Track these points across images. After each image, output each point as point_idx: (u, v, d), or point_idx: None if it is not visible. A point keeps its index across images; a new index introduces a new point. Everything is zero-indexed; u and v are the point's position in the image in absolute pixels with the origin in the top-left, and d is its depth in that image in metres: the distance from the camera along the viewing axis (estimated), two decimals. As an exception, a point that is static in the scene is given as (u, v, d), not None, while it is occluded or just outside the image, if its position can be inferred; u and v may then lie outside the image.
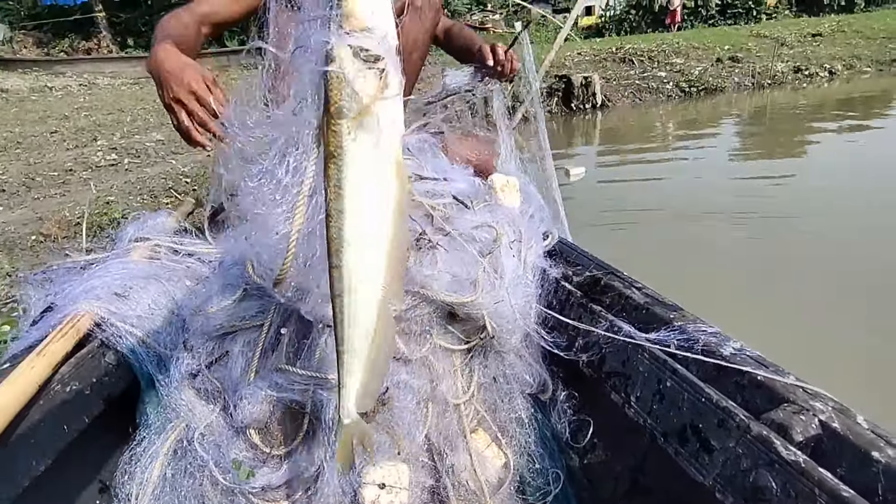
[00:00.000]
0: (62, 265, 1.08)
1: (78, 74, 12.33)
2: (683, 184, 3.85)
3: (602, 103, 6.69)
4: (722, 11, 26.02)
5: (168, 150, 4.09)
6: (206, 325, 0.89)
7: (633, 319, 0.85)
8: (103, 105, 7.22)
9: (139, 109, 6.42)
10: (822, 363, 1.60)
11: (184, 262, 1.11)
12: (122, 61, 13.77)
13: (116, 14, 21.98)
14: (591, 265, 1.05)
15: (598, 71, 7.63)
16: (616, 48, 8.56)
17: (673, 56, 8.20)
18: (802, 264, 2.38)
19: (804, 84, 7.49)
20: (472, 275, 0.90)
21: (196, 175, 3.37)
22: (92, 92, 9.61)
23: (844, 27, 9.60)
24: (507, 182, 1.17)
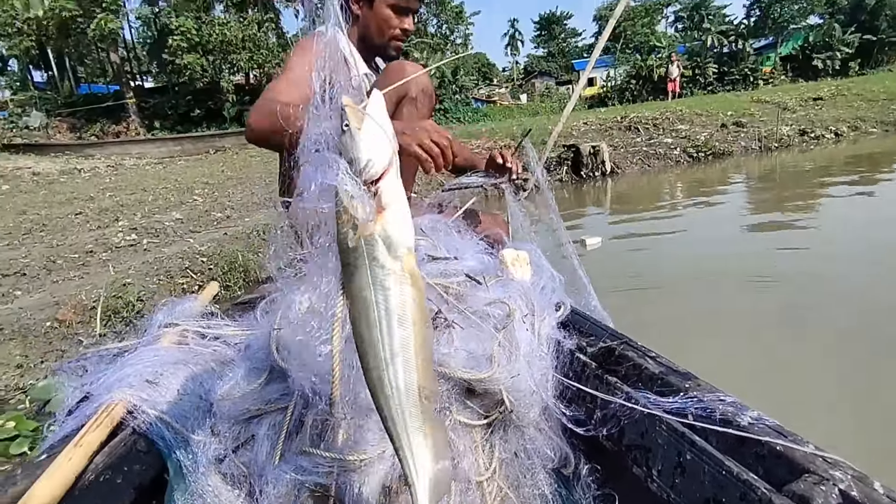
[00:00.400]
0: (96, 353, 1.14)
1: (106, 156, 12.99)
2: (699, 246, 3.79)
3: (611, 170, 6.79)
4: (720, 78, 27.15)
5: (186, 229, 4.17)
6: (233, 409, 0.91)
7: (650, 390, 0.85)
8: (127, 185, 7.52)
9: (161, 188, 6.67)
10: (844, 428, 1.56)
11: (210, 345, 1.15)
12: (148, 143, 14.53)
13: (145, 99, 23.51)
14: (604, 335, 1.06)
15: (605, 139, 7.82)
16: (621, 117, 8.83)
17: (677, 123, 8.41)
18: (824, 327, 2.30)
19: (811, 146, 7.59)
20: (487, 350, 0.93)
21: (212, 254, 3.40)
22: (118, 172, 10.04)
23: (844, 91, 9.87)
24: (517, 256, 1.21)
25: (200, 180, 7.16)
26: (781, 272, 2.98)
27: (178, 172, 8.85)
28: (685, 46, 30.22)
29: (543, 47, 50.17)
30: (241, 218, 4.51)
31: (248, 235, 3.81)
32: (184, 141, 14.32)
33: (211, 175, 7.82)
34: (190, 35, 20.17)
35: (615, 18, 3.02)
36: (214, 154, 13.00)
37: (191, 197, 5.74)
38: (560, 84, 39.49)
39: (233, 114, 21.54)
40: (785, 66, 29.71)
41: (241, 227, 4.08)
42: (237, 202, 5.21)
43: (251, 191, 5.89)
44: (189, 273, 3.12)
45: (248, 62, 21.19)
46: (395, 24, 1.49)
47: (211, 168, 9.05)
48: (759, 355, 2.12)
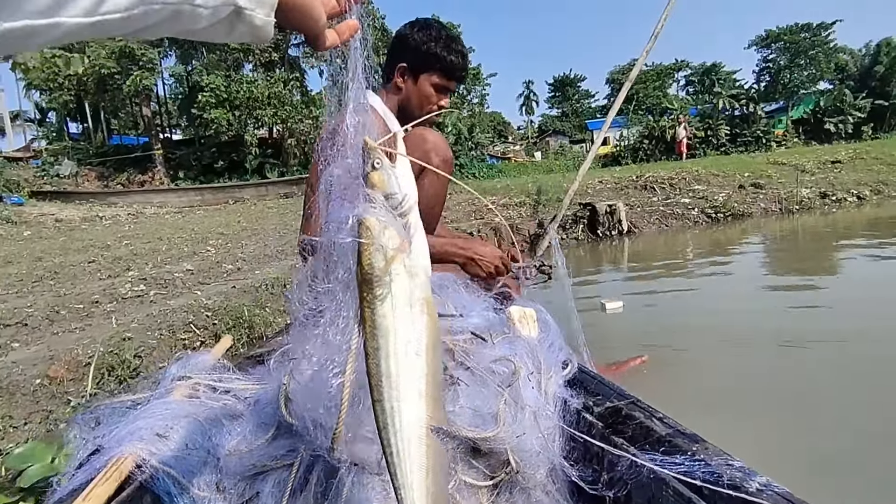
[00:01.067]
0: (110, 405, 1.15)
1: (128, 204, 13.33)
2: (722, 307, 3.60)
3: (628, 229, 6.69)
4: (732, 140, 27.48)
5: (195, 281, 4.11)
6: (239, 465, 0.91)
7: (657, 451, 0.84)
8: (145, 233, 7.61)
9: (176, 238, 6.71)
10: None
11: (221, 399, 1.15)
12: (169, 192, 14.94)
13: (172, 151, 24.39)
14: (611, 394, 1.05)
15: (621, 198, 7.78)
16: (636, 176, 8.83)
17: (694, 183, 8.37)
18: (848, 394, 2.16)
19: (833, 209, 7.44)
20: (493, 408, 0.91)
21: (217, 308, 3.30)
22: (138, 221, 10.22)
23: (862, 154, 9.82)
24: (524, 313, 1.20)
25: (216, 230, 7.21)
26: (804, 334, 2.85)
27: (195, 222, 8.97)
28: (697, 109, 30.84)
29: (557, 107, 51.71)
30: (251, 270, 4.46)
31: (256, 289, 3.72)
32: (204, 191, 14.68)
33: (227, 225, 7.89)
34: (219, 91, 21.11)
35: (630, 81, 3.00)
36: (233, 204, 13.26)
37: (204, 247, 5.74)
38: (574, 143, 40.34)
39: (254, 166, 22.18)
40: (797, 129, 30.07)
41: (251, 280, 4.00)
42: (249, 254, 5.18)
43: (264, 242, 5.88)
44: (192, 328, 3.01)
45: (272, 118, 22.00)
46: (434, 101, 1.57)
47: (228, 218, 9.16)
48: (774, 426, 2.01)
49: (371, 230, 0.59)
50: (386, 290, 0.59)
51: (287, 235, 6.36)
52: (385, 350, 0.59)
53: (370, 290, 0.59)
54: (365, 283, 0.59)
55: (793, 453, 1.82)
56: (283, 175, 19.65)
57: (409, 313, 0.61)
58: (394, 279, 0.60)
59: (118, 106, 24.39)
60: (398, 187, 0.62)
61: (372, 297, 0.59)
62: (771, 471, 0.71)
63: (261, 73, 23.58)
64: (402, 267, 0.60)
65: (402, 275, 0.60)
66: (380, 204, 0.61)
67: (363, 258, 0.59)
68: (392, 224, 0.61)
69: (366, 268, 0.59)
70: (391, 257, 0.59)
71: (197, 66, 23.42)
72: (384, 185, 0.62)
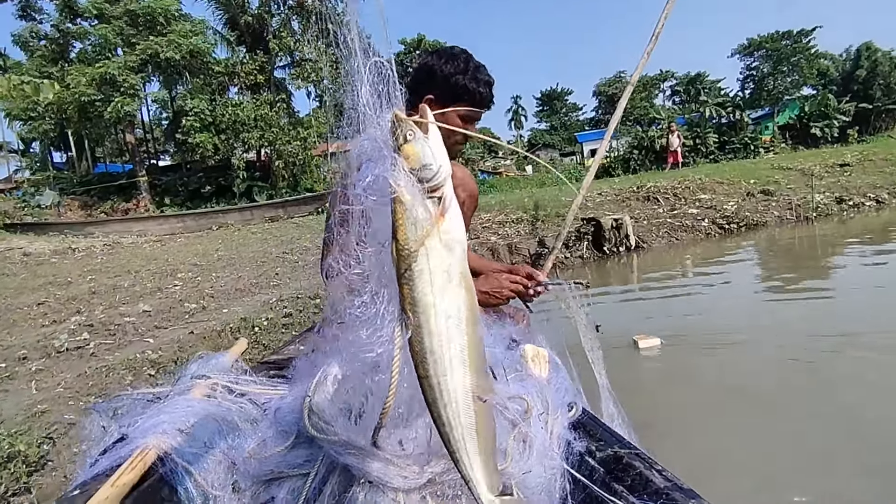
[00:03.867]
0: (130, 396, 1.16)
1: (105, 234, 12.69)
2: (758, 337, 3.08)
3: (636, 245, 6.19)
4: (721, 147, 27.49)
5: (150, 325, 3.54)
6: (257, 468, 0.94)
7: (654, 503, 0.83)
8: (114, 266, 7.02)
9: (145, 271, 6.12)
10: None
11: (237, 402, 1.16)
12: (150, 220, 14.32)
13: (158, 177, 24.00)
14: (614, 441, 1.04)
15: (624, 210, 7.32)
16: (637, 187, 8.39)
17: (699, 192, 7.94)
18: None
19: (851, 215, 7.00)
20: (503, 444, 0.93)
21: (166, 361, 2.74)
22: (112, 252, 9.65)
23: (870, 156, 9.46)
24: (537, 353, 1.21)
25: (190, 261, 6.63)
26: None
27: (172, 251, 8.40)
28: (684, 118, 31.01)
29: (546, 121, 51.83)
30: (218, 309, 3.90)
31: (218, 334, 3.17)
32: (186, 218, 14.10)
33: (203, 254, 7.32)
34: (203, 115, 20.83)
35: (632, 85, 2.67)
36: (217, 230, 12.68)
37: (172, 282, 5.16)
38: (564, 155, 40.28)
39: (242, 189, 21.80)
40: (784, 135, 30.40)
41: (215, 323, 3.45)
42: (219, 289, 4.61)
43: (239, 274, 5.31)
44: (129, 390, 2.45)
45: (259, 140, 21.70)
46: (460, 132, 1.58)
47: (207, 246, 8.60)
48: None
49: (405, 202, 0.58)
50: (423, 265, 0.59)
51: (266, 265, 5.81)
52: (427, 327, 0.59)
53: (407, 265, 0.59)
54: (401, 258, 0.59)
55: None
56: (272, 198, 19.22)
57: (448, 288, 0.60)
58: (430, 253, 0.59)
59: (102, 133, 24.00)
60: (433, 157, 0.61)
61: (410, 272, 0.59)
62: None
63: (247, 95, 23.34)
64: (438, 241, 0.60)
65: (438, 248, 0.60)
66: (413, 176, 0.60)
67: (398, 232, 0.59)
68: (425, 196, 0.60)
69: (401, 242, 0.59)
70: (427, 231, 0.59)
71: (181, 91, 23.13)
72: (418, 157, 0.60)
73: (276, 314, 3.55)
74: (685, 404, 2.29)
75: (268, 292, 4.32)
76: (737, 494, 1.71)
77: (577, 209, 5.23)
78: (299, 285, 4.30)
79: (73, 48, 22.30)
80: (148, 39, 19.99)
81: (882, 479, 1.75)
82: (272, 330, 3.23)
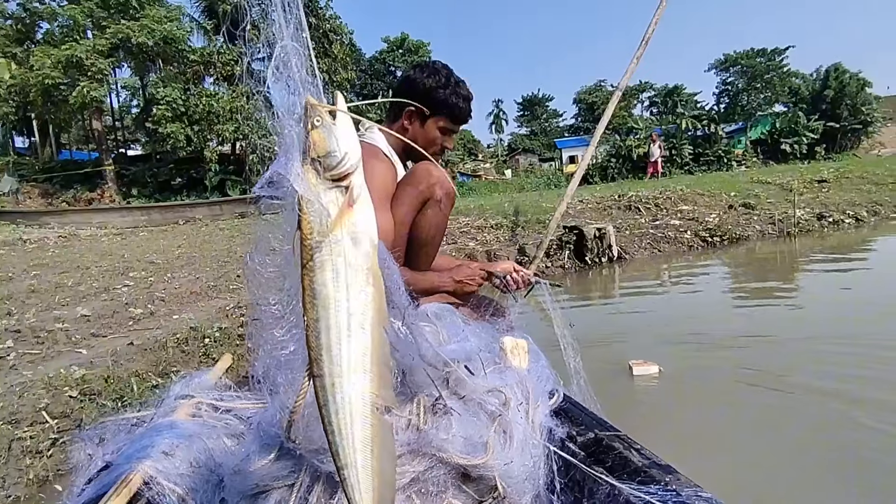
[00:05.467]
0: (115, 421, 1.16)
1: (63, 225, 11.98)
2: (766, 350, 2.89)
3: (618, 255, 6.01)
4: (695, 159, 28.08)
5: (86, 333, 3.15)
6: (243, 483, 0.92)
7: (633, 481, 0.87)
8: (64, 261, 6.50)
9: (96, 268, 5.65)
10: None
11: (223, 418, 1.17)
12: (112, 211, 13.60)
13: (126, 167, 23.15)
14: (594, 425, 1.08)
15: (604, 219, 7.16)
16: (619, 195, 8.26)
17: (680, 203, 7.84)
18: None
19: (830, 231, 6.98)
20: (483, 436, 0.95)
21: (95, 378, 2.38)
22: (67, 244, 9.06)
23: (846, 173, 9.55)
24: (516, 344, 1.22)
25: (147, 258, 6.18)
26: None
27: (131, 247, 7.88)
28: (661, 129, 31.60)
29: (527, 126, 52.01)
30: (167, 315, 3.52)
31: (162, 346, 2.81)
32: (151, 210, 13.45)
33: (164, 251, 6.86)
34: (175, 105, 20.16)
35: (620, 90, 2.55)
36: (183, 225, 12.11)
37: (122, 281, 4.73)
38: (543, 161, 40.44)
39: (215, 183, 21.20)
40: (756, 149, 31.31)
41: (161, 331, 3.08)
42: (173, 291, 4.22)
43: (197, 275, 4.91)
44: (44, 416, 2.09)
45: (233, 133, 21.11)
46: (439, 143, 1.63)
47: (169, 242, 8.11)
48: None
49: (307, 187, 0.56)
50: (325, 257, 0.57)
51: (229, 265, 5.41)
52: (325, 322, 0.56)
53: (309, 256, 0.57)
54: (304, 248, 0.57)
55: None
56: (245, 192, 18.66)
57: (352, 283, 0.57)
58: (335, 246, 0.57)
59: (67, 119, 23.04)
60: (337, 145, 0.59)
61: (311, 264, 0.56)
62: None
63: (223, 86, 22.66)
64: (345, 232, 0.58)
65: (343, 241, 0.57)
66: (317, 166, 0.58)
67: (302, 222, 0.56)
68: (330, 186, 0.58)
69: (304, 232, 0.56)
70: (332, 221, 0.57)
71: (153, 79, 22.34)
72: (324, 143, 0.58)
73: (231, 323, 3.21)
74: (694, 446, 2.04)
75: (226, 297, 3.96)
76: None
77: (560, 217, 4.93)
78: (261, 290, 3.95)
79: (40, 28, 21.34)
80: (119, 23, 19.19)
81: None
82: (225, 342, 2.89)
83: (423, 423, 0.96)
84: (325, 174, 0.57)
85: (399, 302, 0.89)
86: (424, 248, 1.54)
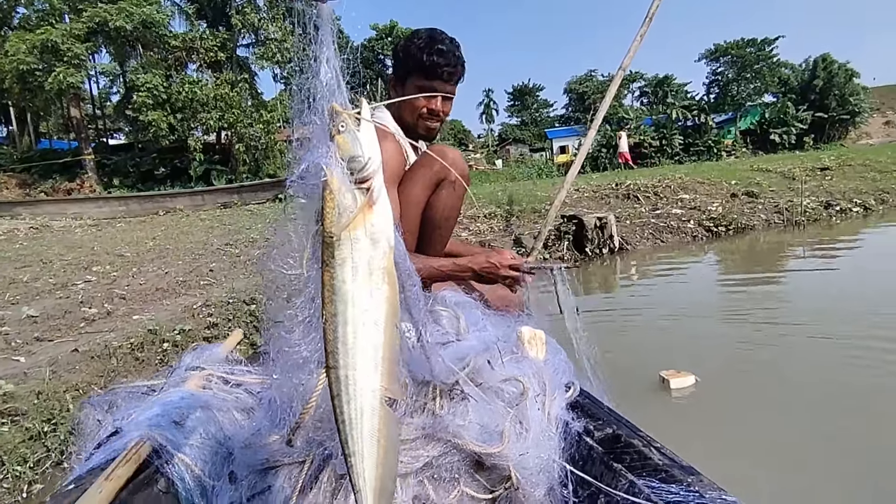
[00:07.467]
0: (125, 388, 1.15)
1: (35, 216, 11.45)
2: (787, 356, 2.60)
3: (620, 246, 5.70)
4: (685, 149, 28.04)
5: (30, 336, 2.76)
6: (253, 458, 0.93)
7: (653, 481, 0.83)
8: (28, 255, 6.05)
9: (59, 262, 5.22)
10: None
11: (233, 392, 1.16)
12: (88, 202, 13.01)
13: (108, 156, 22.47)
14: (611, 420, 1.05)
15: (602, 208, 6.85)
16: (616, 184, 7.95)
17: (680, 191, 7.55)
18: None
19: (837, 220, 6.73)
20: (499, 426, 0.94)
21: (25, 395, 2.00)
22: (37, 236, 8.59)
23: (848, 161, 9.33)
24: (534, 335, 1.20)
25: (116, 251, 5.75)
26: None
27: (104, 238, 7.43)
28: (651, 119, 31.52)
29: (517, 116, 51.55)
30: (126, 316, 3.13)
31: (112, 353, 2.44)
32: (130, 201, 12.91)
33: (136, 243, 6.43)
34: (157, 92, 19.54)
35: (615, 85, 2.35)
36: (163, 216, 11.60)
37: (84, 276, 4.32)
38: (534, 151, 40.11)
39: (199, 173, 20.64)
40: (745, 140, 31.39)
41: (115, 335, 2.71)
42: (137, 287, 3.83)
43: (167, 269, 4.50)
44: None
45: (217, 121, 20.54)
46: (421, 104, 1.54)
47: (145, 233, 7.67)
48: None
49: (332, 187, 0.58)
50: (346, 254, 0.59)
51: (203, 257, 5.01)
52: (343, 316, 0.58)
53: (330, 252, 0.59)
54: (325, 244, 0.59)
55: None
56: (231, 183, 18.12)
57: (368, 281, 0.59)
58: (355, 244, 0.59)
59: (46, 106, 22.34)
60: (362, 150, 0.61)
61: (332, 260, 0.59)
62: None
63: (206, 73, 21.99)
64: (364, 232, 0.60)
65: (363, 240, 0.60)
66: (343, 165, 0.60)
67: (325, 218, 0.58)
68: (354, 188, 0.60)
69: (326, 228, 0.58)
70: (353, 220, 0.59)
71: (133, 65, 21.62)
72: (348, 148, 0.61)
73: (197, 324, 2.84)
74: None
75: (195, 294, 3.58)
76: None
77: (559, 205, 4.54)
78: (234, 286, 3.58)
79: (17, 14, 20.54)
80: (96, 6, 18.47)
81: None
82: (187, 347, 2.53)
83: (440, 408, 0.94)
84: (349, 175, 0.59)
85: (418, 318, 0.86)
86: (438, 230, 1.51)
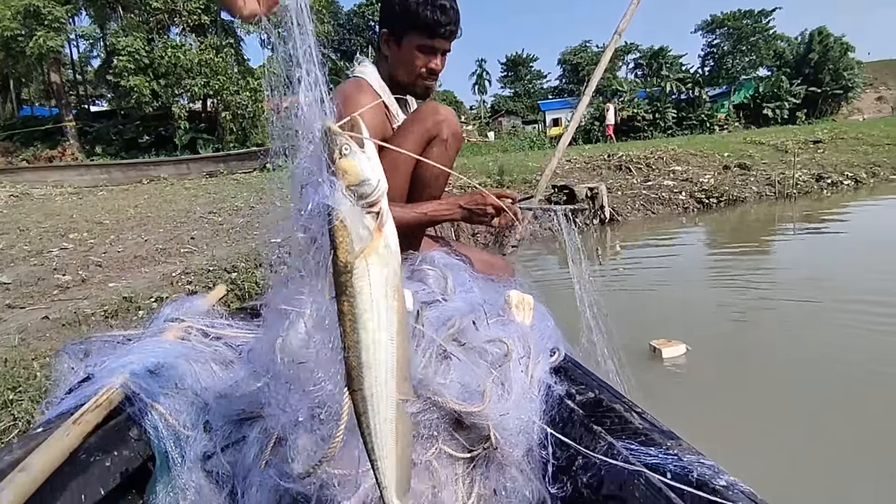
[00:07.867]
0: (101, 337, 1.14)
1: (14, 184, 11.14)
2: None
3: (611, 217, 5.65)
4: (678, 123, 27.92)
5: (1, 304, 2.66)
6: (229, 408, 0.94)
7: (632, 444, 0.85)
8: (5, 222, 5.90)
9: (36, 229, 5.07)
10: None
11: (212, 345, 1.16)
12: (69, 169, 12.67)
13: (90, 124, 21.88)
14: (594, 385, 1.06)
15: (595, 179, 6.77)
16: (608, 155, 7.85)
17: (672, 163, 7.48)
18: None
19: (828, 193, 6.71)
20: (481, 386, 0.94)
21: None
22: (17, 204, 8.40)
23: (841, 134, 9.28)
24: (522, 299, 1.21)
25: (96, 219, 5.59)
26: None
27: (84, 207, 7.25)
28: (645, 92, 31.19)
29: (510, 87, 50.73)
30: (102, 283, 3.04)
31: (84, 320, 2.35)
32: (112, 169, 12.60)
33: (116, 211, 6.27)
34: (138, 56, 18.89)
35: (610, 50, 2.48)
36: (147, 184, 11.35)
37: (58, 244, 4.19)
38: (526, 123, 39.64)
39: (185, 141, 20.19)
40: (738, 114, 31.26)
41: (88, 302, 2.62)
42: (114, 255, 3.71)
43: (147, 237, 4.38)
44: None
45: (203, 88, 19.96)
46: (420, 64, 1.49)
47: (127, 202, 7.49)
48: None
49: (346, 224, 0.57)
50: (363, 283, 0.58)
51: (185, 225, 4.88)
52: (365, 343, 0.59)
53: (349, 284, 0.58)
54: (343, 277, 0.58)
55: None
56: (218, 150, 17.72)
57: (383, 301, 0.60)
58: (370, 271, 0.59)
59: (26, 72, 21.67)
60: (371, 172, 0.59)
61: (351, 290, 0.58)
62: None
63: (190, 37, 21.24)
64: (377, 257, 0.60)
65: (377, 265, 0.59)
66: (351, 194, 0.58)
67: (339, 252, 0.58)
68: (365, 215, 0.59)
69: (343, 263, 0.58)
70: (367, 249, 0.59)
71: (113, 28, 20.86)
72: (357, 172, 0.58)
73: (174, 292, 2.76)
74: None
75: (174, 262, 3.48)
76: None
77: (550, 174, 4.47)
78: (215, 254, 3.48)
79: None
80: (76, -36, 17.74)
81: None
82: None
83: (421, 366, 0.93)
84: (358, 202, 0.58)
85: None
86: (427, 189, 1.47)
